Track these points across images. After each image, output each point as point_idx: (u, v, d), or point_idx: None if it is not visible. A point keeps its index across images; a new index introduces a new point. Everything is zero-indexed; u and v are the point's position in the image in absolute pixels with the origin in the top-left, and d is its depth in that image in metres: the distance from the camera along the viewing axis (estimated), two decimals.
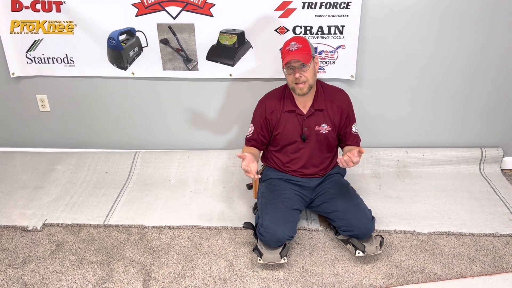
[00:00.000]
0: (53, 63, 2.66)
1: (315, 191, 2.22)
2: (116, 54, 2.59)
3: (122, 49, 2.57)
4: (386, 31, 2.46)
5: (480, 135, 2.75)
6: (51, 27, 2.55)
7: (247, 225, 2.13)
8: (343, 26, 2.42)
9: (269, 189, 2.20)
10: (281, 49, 2.08)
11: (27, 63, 2.67)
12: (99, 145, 2.95)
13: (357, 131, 2.24)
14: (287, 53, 2.00)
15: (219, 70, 2.60)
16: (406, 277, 1.93)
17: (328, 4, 2.36)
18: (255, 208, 2.35)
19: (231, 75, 2.62)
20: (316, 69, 2.08)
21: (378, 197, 2.50)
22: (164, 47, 2.56)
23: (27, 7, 2.50)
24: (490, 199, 2.46)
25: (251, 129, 2.23)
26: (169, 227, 2.29)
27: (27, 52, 2.64)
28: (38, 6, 2.48)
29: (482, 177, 2.68)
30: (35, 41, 2.60)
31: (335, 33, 2.44)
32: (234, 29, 2.47)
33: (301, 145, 2.18)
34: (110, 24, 2.50)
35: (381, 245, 2.00)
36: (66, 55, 2.63)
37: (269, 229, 1.96)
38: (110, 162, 2.83)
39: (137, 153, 2.87)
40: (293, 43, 2.01)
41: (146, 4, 2.43)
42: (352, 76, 2.56)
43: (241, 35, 2.48)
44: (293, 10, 2.39)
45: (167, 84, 2.70)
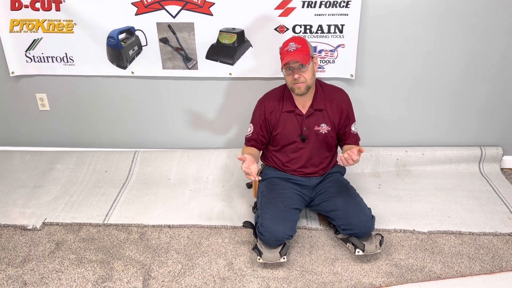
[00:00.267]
0: (53, 62, 2.66)
1: (314, 190, 2.23)
2: (115, 53, 2.59)
3: (122, 48, 2.57)
4: (385, 30, 2.46)
5: (479, 134, 2.75)
6: (51, 26, 2.54)
7: (246, 224, 2.13)
8: (343, 25, 2.41)
9: (268, 188, 2.20)
10: (280, 49, 2.08)
11: (27, 62, 2.67)
12: (98, 144, 2.95)
13: (356, 131, 2.24)
14: (285, 54, 2.00)
15: (219, 69, 2.60)
16: (406, 276, 1.93)
17: (328, 3, 2.36)
18: (254, 207, 2.35)
19: (230, 74, 2.61)
20: (315, 69, 2.07)
21: (378, 196, 2.50)
22: (163, 46, 2.56)
23: (26, 6, 2.49)
24: (489, 198, 2.46)
25: (251, 129, 2.23)
26: (168, 226, 2.29)
27: (26, 51, 2.64)
28: (38, 5, 2.48)
29: (481, 176, 2.69)
30: (34, 40, 2.60)
31: (334, 32, 2.43)
32: (234, 28, 2.47)
33: (300, 145, 2.18)
34: (109, 23, 2.50)
35: (380, 244, 2.00)
36: (66, 54, 2.63)
37: (269, 228, 1.96)
38: (110, 161, 2.83)
39: (137, 152, 2.87)
40: (291, 43, 2.00)
41: (146, 3, 2.43)
42: (351, 75, 2.56)
43: (240, 34, 2.48)
44: (292, 9, 2.38)
45: (166, 83, 2.70)
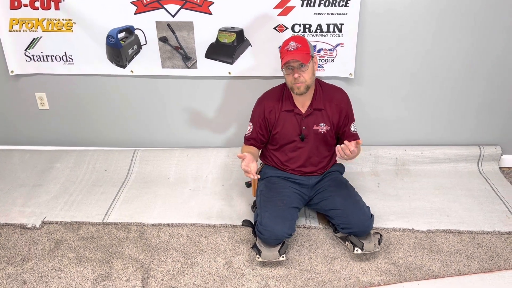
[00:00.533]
0: (52, 61, 2.66)
1: (314, 189, 2.23)
2: (115, 52, 2.59)
3: (121, 47, 2.57)
4: (384, 29, 2.46)
5: (478, 133, 2.76)
6: (50, 25, 2.54)
7: (246, 223, 2.13)
8: (342, 24, 2.42)
9: (268, 187, 2.20)
10: (280, 48, 2.08)
11: (26, 61, 2.67)
12: (98, 143, 2.95)
13: (355, 130, 2.24)
14: (286, 53, 1.99)
15: (218, 68, 2.60)
16: (405, 275, 1.93)
17: (327, 2, 2.36)
18: (254, 206, 2.35)
19: (230, 73, 2.62)
20: (315, 69, 2.07)
21: (377, 195, 2.50)
22: (163, 45, 2.56)
23: (26, 5, 2.49)
24: (488, 197, 2.47)
25: (250, 128, 2.23)
26: (168, 225, 2.29)
27: (26, 50, 2.64)
28: (37, 4, 2.48)
29: (480, 175, 2.69)
30: (34, 39, 2.60)
31: (334, 31, 2.44)
32: (233, 27, 2.47)
33: (299, 144, 2.19)
34: (109, 22, 2.50)
35: (379, 242, 2.01)
36: (65, 53, 2.63)
37: (268, 227, 1.96)
38: (109, 160, 2.83)
39: (136, 151, 2.87)
40: (292, 42, 2.00)
41: (145, 2, 2.43)
42: (351, 74, 2.56)
43: (240, 33, 2.48)
44: (292, 8, 2.39)
45: (166, 82, 2.70)
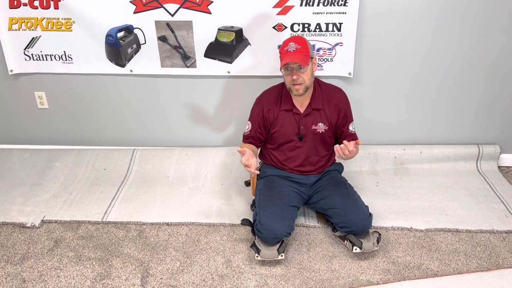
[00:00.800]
0: (51, 60, 2.66)
1: (312, 188, 2.23)
2: (114, 51, 2.59)
3: (120, 46, 2.57)
4: (383, 29, 2.46)
5: (477, 132, 2.76)
6: (49, 24, 2.54)
7: (245, 221, 2.13)
8: (341, 24, 2.42)
9: (267, 186, 2.21)
10: (279, 48, 2.07)
11: (25, 60, 2.67)
12: (97, 142, 2.96)
13: (354, 130, 2.24)
14: (285, 54, 1.99)
15: (217, 67, 2.60)
16: (403, 273, 1.94)
17: (326, 2, 2.36)
18: (253, 205, 2.36)
19: (229, 72, 2.62)
20: (314, 70, 2.07)
21: (376, 194, 2.50)
22: (162, 44, 2.56)
23: (25, 4, 2.49)
24: (487, 196, 2.47)
25: (249, 126, 2.23)
26: (167, 224, 2.30)
27: (25, 49, 2.64)
28: (36, 3, 2.48)
29: (479, 174, 2.70)
30: (33, 38, 2.60)
31: (333, 30, 2.44)
32: (232, 26, 2.47)
33: (297, 143, 2.19)
34: (108, 21, 2.50)
35: (378, 241, 2.01)
36: (64, 52, 2.63)
37: (267, 225, 1.96)
38: (109, 159, 2.83)
39: (135, 150, 2.87)
40: (291, 43, 1.99)
41: (144, 1, 2.43)
42: (350, 74, 2.57)
43: (239, 32, 2.48)
44: (291, 7, 2.39)
45: (165, 81, 2.70)
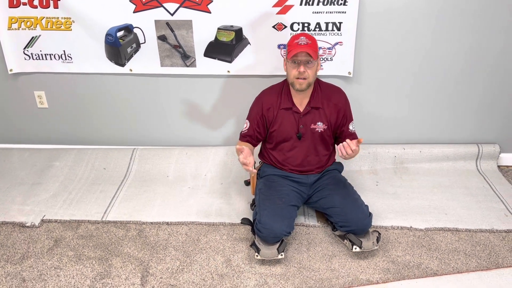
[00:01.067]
0: (51, 59, 2.66)
1: (312, 187, 2.23)
2: (114, 50, 2.59)
3: (120, 45, 2.57)
4: (383, 28, 2.46)
5: (476, 131, 2.76)
6: (49, 23, 2.54)
7: (244, 221, 2.14)
8: (340, 23, 2.42)
9: (266, 186, 2.21)
10: (288, 42, 2.05)
11: (25, 59, 2.67)
12: (97, 142, 2.95)
13: (354, 130, 2.24)
14: (295, 46, 1.98)
15: (217, 66, 2.60)
16: (403, 273, 1.94)
17: (326, 1, 2.36)
18: (252, 204, 2.36)
19: (229, 71, 2.62)
20: (317, 70, 2.08)
21: (375, 193, 2.51)
22: (162, 43, 2.56)
23: (24, 3, 2.49)
24: (486, 195, 2.47)
25: (247, 125, 2.22)
26: (167, 223, 2.30)
27: (24, 49, 2.63)
28: (36, 2, 2.47)
29: (478, 173, 2.70)
30: (32, 37, 2.59)
31: (332, 29, 2.44)
32: (232, 26, 2.47)
33: (296, 142, 2.19)
34: (108, 20, 2.50)
35: (378, 240, 2.01)
36: (64, 51, 2.63)
37: (267, 225, 1.97)
38: (108, 159, 2.83)
39: (135, 150, 2.87)
40: (302, 37, 2.00)
41: (144, 0, 2.43)
42: (349, 73, 2.57)
43: (239, 32, 2.48)
44: (290, 6, 2.39)
45: (165, 80, 2.70)
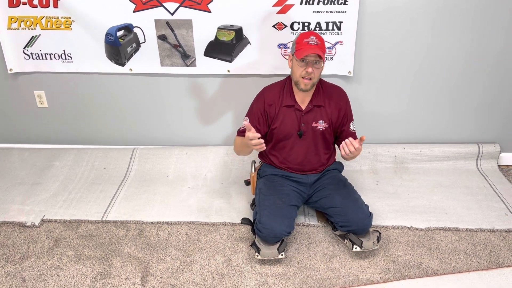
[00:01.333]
0: (51, 59, 2.65)
1: (312, 187, 2.23)
2: (114, 50, 2.59)
3: (120, 45, 2.56)
4: (383, 28, 2.46)
5: (477, 131, 2.76)
6: (49, 23, 2.54)
7: (245, 221, 2.14)
8: (341, 22, 2.42)
9: (267, 185, 2.20)
10: (296, 39, 2.02)
11: (25, 59, 2.66)
12: (97, 141, 2.95)
13: (354, 129, 2.23)
14: (306, 46, 1.95)
15: (217, 66, 2.60)
16: (403, 272, 1.94)
17: (326, 0, 2.36)
18: (253, 204, 2.36)
19: (229, 71, 2.61)
20: (322, 70, 2.06)
21: (376, 193, 2.50)
22: (162, 43, 2.56)
23: (24, 3, 2.49)
24: (487, 195, 2.47)
25: (246, 122, 2.18)
26: (167, 223, 2.30)
27: (24, 48, 2.63)
28: (36, 1, 2.47)
29: (479, 172, 2.70)
30: (32, 37, 2.59)
31: (333, 29, 2.44)
32: (232, 25, 2.47)
33: (297, 141, 2.18)
34: (107, 20, 2.50)
35: (378, 240, 2.01)
36: (64, 51, 2.62)
37: (267, 225, 1.96)
38: (108, 158, 2.83)
39: (135, 149, 2.87)
40: (312, 37, 1.97)
41: (144, 0, 2.43)
42: (349, 72, 2.56)
43: (239, 31, 2.48)
44: (291, 6, 2.38)
45: (165, 80, 2.70)
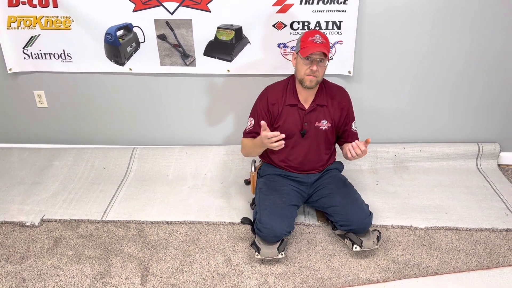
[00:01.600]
0: (50, 59, 2.65)
1: (312, 186, 2.23)
2: (113, 49, 2.59)
3: (120, 44, 2.56)
4: (383, 27, 2.46)
5: (477, 130, 2.76)
6: (48, 22, 2.54)
7: (245, 220, 2.13)
8: (340, 22, 2.42)
9: (267, 185, 2.20)
10: (301, 37, 2.02)
11: (24, 59, 2.66)
12: (96, 141, 2.95)
13: (356, 129, 2.24)
14: (311, 44, 1.95)
15: (217, 65, 2.60)
16: (403, 272, 1.94)
17: (326, 0, 2.36)
18: (253, 204, 2.35)
19: (228, 70, 2.61)
20: (326, 68, 2.06)
21: (376, 192, 2.50)
22: (161, 42, 2.55)
23: (24, 3, 2.49)
24: (486, 194, 2.47)
25: (251, 122, 2.19)
26: (167, 223, 2.30)
27: (24, 48, 2.63)
28: (35, 1, 2.47)
29: (479, 172, 2.70)
30: (32, 36, 2.59)
31: (332, 28, 2.44)
32: (232, 25, 2.47)
33: (299, 140, 2.18)
34: (107, 19, 2.50)
35: (378, 239, 2.01)
36: (64, 51, 2.62)
37: (267, 224, 1.96)
38: (108, 158, 2.83)
39: (135, 149, 2.87)
40: (317, 35, 1.97)
41: None
42: (349, 72, 2.56)
43: (238, 31, 2.48)
44: (290, 5, 2.38)
45: (164, 80, 2.70)
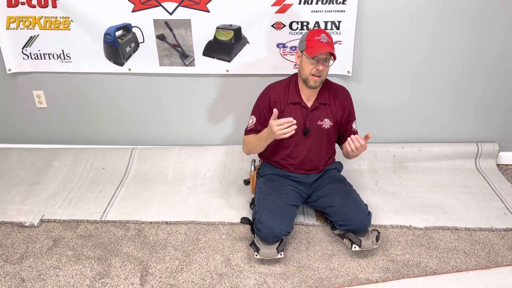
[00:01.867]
0: (50, 59, 2.65)
1: (312, 186, 2.23)
2: (112, 50, 2.59)
3: (119, 45, 2.56)
4: (383, 27, 2.46)
5: (476, 130, 2.76)
6: (47, 23, 2.54)
7: (244, 220, 2.13)
8: (339, 22, 2.42)
9: (266, 185, 2.20)
10: (306, 36, 2.01)
11: (23, 59, 2.66)
12: (96, 141, 2.95)
13: (357, 128, 2.24)
14: (317, 43, 1.95)
15: (216, 66, 2.60)
16: (402, 271, 1.94)
17: (325, 0, 2.36)
18: (252, 203, 2.36)
19: (227, 71, 2.61)
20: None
21: (375, 192, 2.51)
22: (160, 43, 2.55)
23: (23, 3, 2.49)
24: (485, 194, 2.47)
25: (253, 120, 2.17)
26: (166, 223, 2.30)
27: (23, 48, 2.63)
28: (34, 1, 2.47)
29: (478, 172, 2.70)
30: (31, 37, 2.59)
31: (331, 28, 2.44)
32: (231, 25, 2.47)
33: (301, 138, 2.17)
34: (106, 19, 2.50)
35: (377, 239, 2.01)
36: (63, 51, 2.62)
37: (266, 224, 1.96)
38: (107, 158, 2.83)
39: (134, 149, 2.87)
40: (323, 35, 1.97)
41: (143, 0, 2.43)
42: (348, 72, 2.57)
43: (237, 31, 2.48)
44: (289, 5, 2.38)
45: (164, 80, 2.70)
